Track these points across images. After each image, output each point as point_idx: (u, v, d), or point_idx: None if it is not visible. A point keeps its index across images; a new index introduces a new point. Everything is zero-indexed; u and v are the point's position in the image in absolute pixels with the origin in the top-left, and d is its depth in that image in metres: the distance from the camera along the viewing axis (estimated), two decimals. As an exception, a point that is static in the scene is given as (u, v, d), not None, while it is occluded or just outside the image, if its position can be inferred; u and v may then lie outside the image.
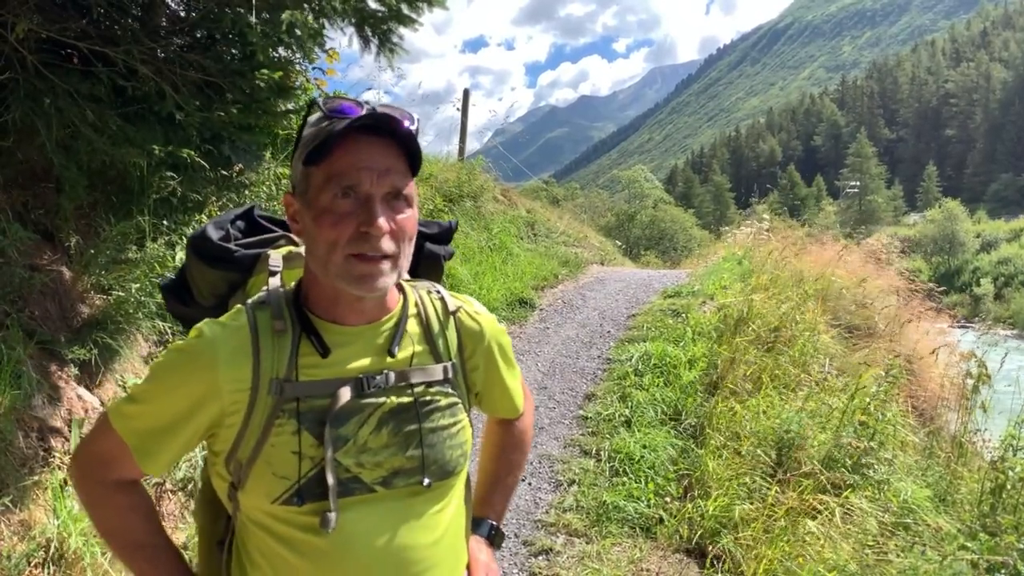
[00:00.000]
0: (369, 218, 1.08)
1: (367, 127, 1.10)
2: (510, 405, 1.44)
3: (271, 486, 1.11)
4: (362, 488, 1.14)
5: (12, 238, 3.29)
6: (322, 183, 1.10)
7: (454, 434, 1.23)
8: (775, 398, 4.91)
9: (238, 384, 1.12)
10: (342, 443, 1.13)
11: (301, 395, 1.13)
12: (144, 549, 1.24)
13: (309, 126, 1.15)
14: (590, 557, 3.55)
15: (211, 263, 1.35)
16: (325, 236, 1.10)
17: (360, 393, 1.15)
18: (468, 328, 1.30)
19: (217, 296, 1.39)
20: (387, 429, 1.16)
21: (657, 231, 31.17)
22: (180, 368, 1.14)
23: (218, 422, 1.14)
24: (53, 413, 3.09)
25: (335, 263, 1.10)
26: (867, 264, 10.33)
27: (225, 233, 1.39)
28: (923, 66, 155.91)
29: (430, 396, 1.21)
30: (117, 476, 1.19)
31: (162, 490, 3.22)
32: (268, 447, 1.11)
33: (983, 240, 54.58)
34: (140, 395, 1.16)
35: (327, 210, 1.09)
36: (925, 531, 3.52)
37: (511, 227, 10.72)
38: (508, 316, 7.75)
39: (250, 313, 1.17)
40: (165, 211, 4.08)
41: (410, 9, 4.45)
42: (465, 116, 12.66)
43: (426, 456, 1.18)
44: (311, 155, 1.10)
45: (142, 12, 4.20)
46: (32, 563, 2.60)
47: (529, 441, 1.55)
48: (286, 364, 1.13)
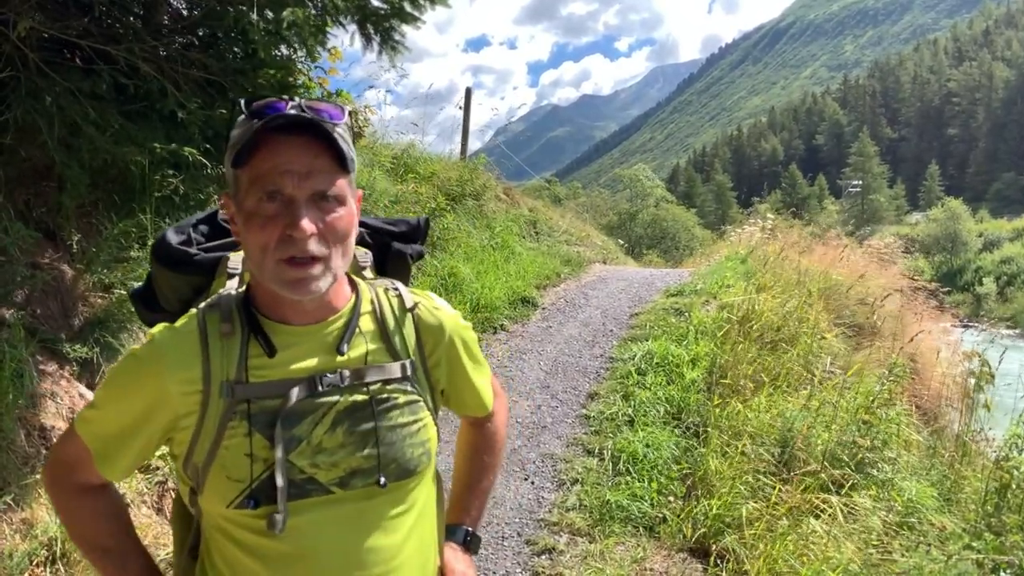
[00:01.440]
0: (292, 221, 1.06)
1: (287, 127, 1.07)
2: (478, 403, 1.41)
3: (226, 489, 1.10)
4: (319, 489, 1.13)
5: (14, 236, 3.29)
6: (248, 186, 1.09)
7: (414, 432, 1.20)
8: (778, 397, 4.90)
9: (188, 387, 1.11)
10: (296, 444, 1.12)
11: (252, 396, 1.12)
12: (111, 553, 1.24)
13: (236, 126, 1.12)
14: (593, 556, 3.55)
15: (172, 267, 1.34)
16: (255, 240, 1.08)
17: (313, 392, 1.14)
18: (427, 324, 1.28)
19: (182, 301, 1.38)
20: (342, 428, 1.15)
21: (659, 230, 31.18)
22: (131, 373, 1.15)
23: (172, 426, 1.13)
24: (55, 412, 3.08)
25: (268, 268, 1.09)
26: (870, 263, 10.32)
27: (186, 237, 1.38)
28: (925, 65, 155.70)
29: (387, 394, 1.19)
30: (83, 480, 1.20)
31: (164, 488, 3.22)
32: (222, 450, 1.11)
33: (985, 239, 54.47)
34: (99, 401, 1.17)
35: (254, 213, 1.08)
36: (929, 530, 3.50)
37: (513, 226, 10.71)
38: (510, 315, 7.74)
39: (200, 316, 1.16)
40: (167, 209, 4.07)
41: (412, 7, 4.45)
42: (467, 115, 12.65)
43: (383, 455, 1.16)
44: (236, 157, 1.08)
45: (144, 10, 4.20)
46: (34, 562, 2.60)
47: (502, 442, 1.52)
48: (235, 366, 1.13)
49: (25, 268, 3.35)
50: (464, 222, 9.36)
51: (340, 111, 1.14)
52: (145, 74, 3.70)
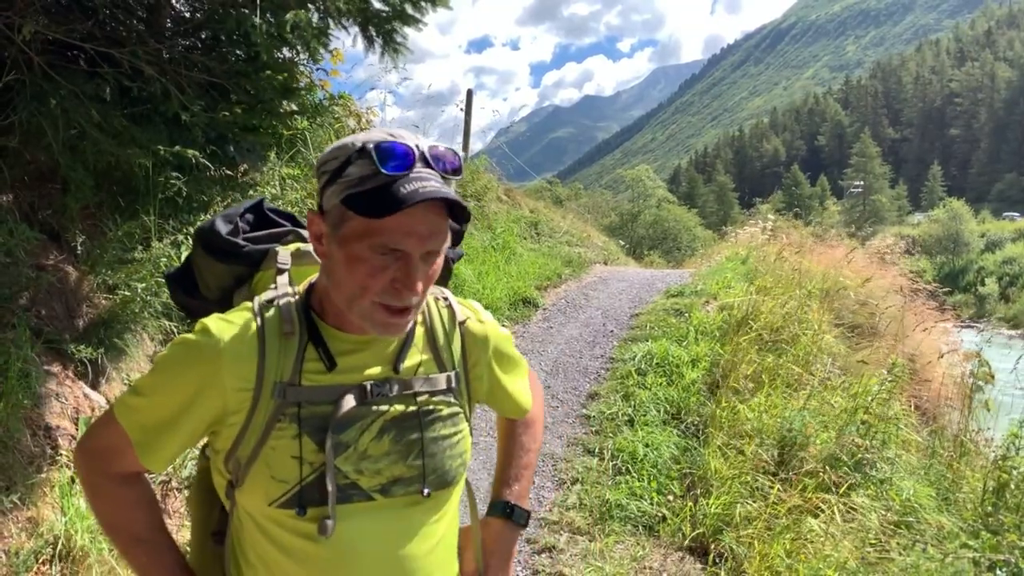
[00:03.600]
0: (407, 280, 1.07)
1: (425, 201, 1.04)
2: (515, 407, 1.43)
3: (269, 488, 1.10)
4: (360, 495, 1.13)
5: (19, 238, 3.31)
6: (363, 233, 1.06)
7: (454, 444, 1.22)
8: (777, 397, 4.92)
9: (242, 383, 1.10)
10: (343, 449, 1.12)
11: (303, 400, 1.12)
12: (144, 543, 1.22)
13: (354, 163, 1.07)
14: (593, 555, 3.57)
15: (219, 257, 1.33)
16: (356, 280, 1.08)
17: (364, 400, 1.14)
18: (474, 338, 1.29)
19: (222, 289, 1.37)
20: (389, 437, 1.15)
21: (660, 231, 31.21)
22: (184, 361, 1.12)
23: (220, 419, 1.12)
24: (60, 412, 3.11)
25: (362, 306, 1.09)
26: (871, 264, 10.32)
27: (234, 227, 1.37)
28: (927, 66, 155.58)
29: (433, 405, 1.20)
30: (120, 469, 1.18)
31: (168, 488, 3.24)
32: (268, 449, 1.10)
33: (987, 240, 54.43)
34: (144, 388, 1.14)
35: (362, 259, 1.06)
36: (927, 529, 3.52)
37: (515, 227, 10.74)
38: (511, 315, 7.77)
39: (258, 313, 1.15)
40: (171, 211, 4.10)
41: (414, 9, 4.47)
42: (468, 116, 12.70)
43: (426, 465, 1.17)
44: (358, 204, 1.05)
45: (147, 13, 4.23)
46: (40, 560, 2.62)
47: (540, 424, 1.52)
48: (291, 368, 1.12)
49: (30, 270, 3.38)
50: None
51: (457, 158, 1.13)
52: (148, 77, 3.72)
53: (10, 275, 3.26)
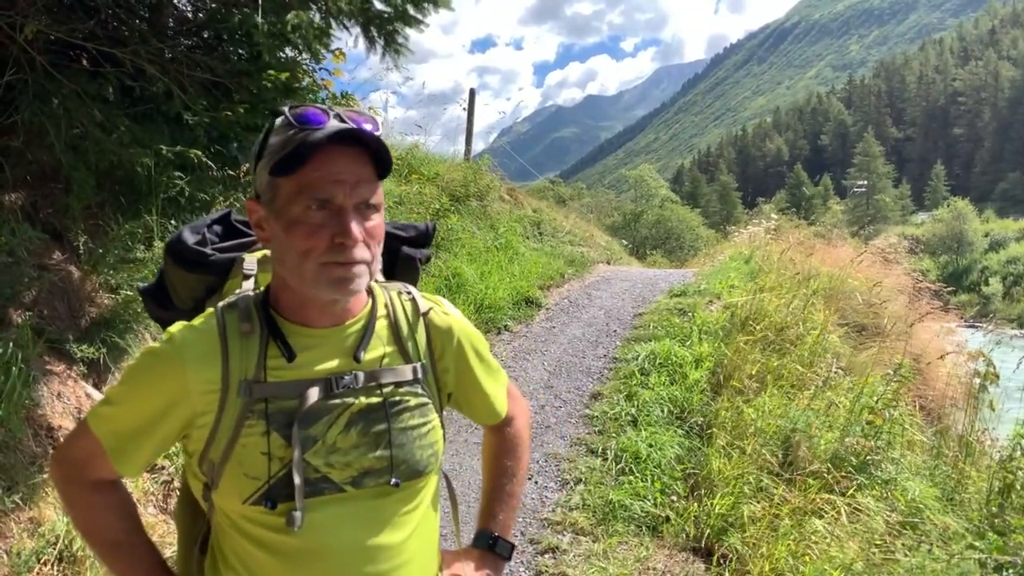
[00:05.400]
0: (343, 231, 1.09)
1: (336, 138, 1.09)
2: (488, 410, 1.42)
3: (242, 486, 1.13)
4: (332, 488, 1.15)
5: (21, 238, 3.32)
6: (293, 194, 1.10)
7: (424, 434, 1.23)
8: (781, 397, 4.90)
9: (208, 385, 1.13)
10: (311, 443, 1.14)
11: (270, 396, 1.14)
12: (121, 548, 1.25)
13: (275, 133, 1.14)
14: (596, 555, 3.56)
15: (188, 267, 1.36)
16: (298, 246, 1.10)
17: (329, 394, 1.16)
18: (438, 328, 1.30)
19: (195, 300, 1.40)
20: (356, 429, 1.17)
21: (663, 230, 31.17)
22: (151, 370, 1.16)
23: (190, 423, 1.15)
24: (62, 412, 3.11)
25: (309, 271, 1.11)
26: (875, 264, 10.29)
27: (201, 237, 1.39)
28: (931, 65, 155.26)
29: (399, 396, 1.22)
30: (95, 476, 1.21)
31: (169, 488, 3.24)
32: (239, 447, 1.13)
33: (991, 239, 54.30)
34: (115, 397, 1.18)
35: (299, 221, 1.10)
36: (932, 530, 3.51)
37: (517, 226, 10.73)
38: (514, 315, 7.75)
39: (219, 315, 1.18)
40: (173, 211, 4.10)
41: (416, 10, 4.47)
42: (471, 116, 12.69)
43: (395, 456, 1.19)
44: (281, 166, 1.09)
45: (149, 13, 4.23)
46: (41, 560, 2.62)
47: (524, 446, 1.51)
48: (254, 365, 1.15)
49: (32, 269, 3.38)
50: (468, 223, 9.38)
51: (374, 120, 1.17)
52: (151, 76, 3.73)
53: (12, 275, 3.26)
